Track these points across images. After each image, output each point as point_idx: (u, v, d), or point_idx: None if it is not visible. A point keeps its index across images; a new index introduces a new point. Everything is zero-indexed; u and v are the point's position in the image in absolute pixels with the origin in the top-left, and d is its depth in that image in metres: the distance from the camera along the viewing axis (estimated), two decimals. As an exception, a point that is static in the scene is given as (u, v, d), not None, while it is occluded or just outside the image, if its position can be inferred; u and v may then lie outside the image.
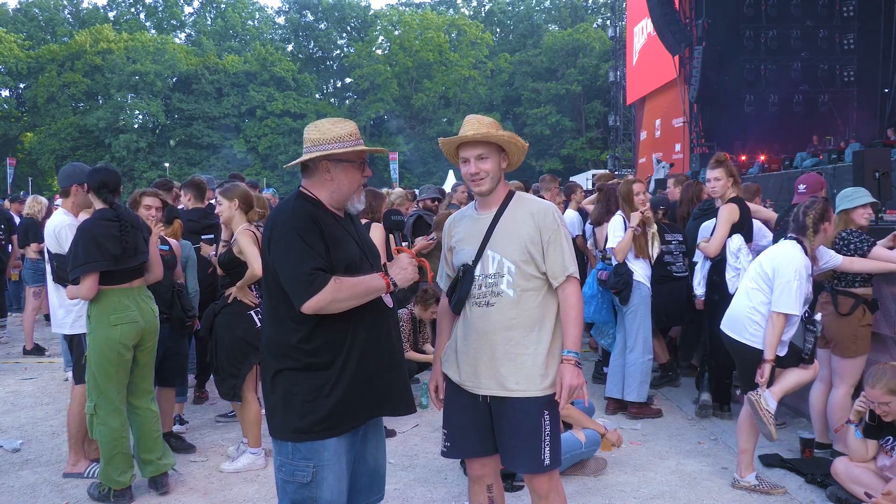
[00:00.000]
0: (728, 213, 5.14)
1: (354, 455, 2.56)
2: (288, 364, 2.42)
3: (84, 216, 4.33)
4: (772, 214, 5.74)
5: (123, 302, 3.83)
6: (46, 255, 4.44)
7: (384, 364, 2.53)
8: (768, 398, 3.89)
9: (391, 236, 4.73)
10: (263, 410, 4.38)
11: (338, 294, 2.35)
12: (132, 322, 3.83)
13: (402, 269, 2.57)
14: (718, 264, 5.21)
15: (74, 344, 4.32)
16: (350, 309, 2.41)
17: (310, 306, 2.34)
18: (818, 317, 4.01)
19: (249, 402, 4.38)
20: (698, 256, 5.50)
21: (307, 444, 2.41)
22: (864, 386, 3.82)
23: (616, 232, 5.38)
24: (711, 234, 5.28)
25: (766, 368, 3.86)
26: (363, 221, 5.27)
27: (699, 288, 5.41)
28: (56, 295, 4.36)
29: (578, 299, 2.73)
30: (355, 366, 2.43)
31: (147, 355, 4.02)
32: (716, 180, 5.27)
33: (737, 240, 5.13)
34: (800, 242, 3.96)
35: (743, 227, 5.16)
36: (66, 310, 4.30)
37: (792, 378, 3.95)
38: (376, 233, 5.22)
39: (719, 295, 5.16)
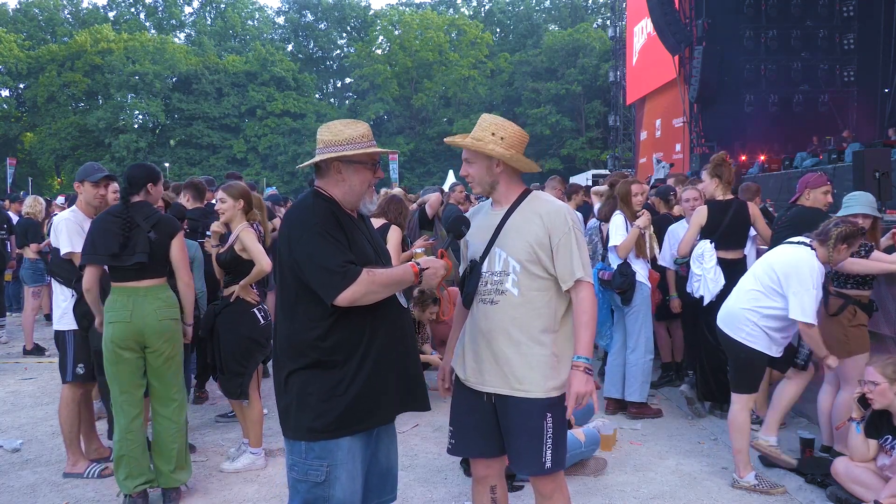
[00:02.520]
0: (696, 216, 5.24)
1: (369, 455, 2.55)
2: (302, 362, 2.41)
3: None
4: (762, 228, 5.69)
5: (120, 301, 3.77)
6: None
7: (401, 364, 2.53)
8: (766, 438, 4.02)
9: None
10: (266, 410, 4.37)
11: (371, 286, 2.36)
12: (123, 322, 3.73)
13: (435, 272, 2.55)
14: None
15: (60, 341, 4.31)
16: (368, 309, 2.41)
17: (345, 297, 2.32)
18: None
19: (253, 402, 4.38)
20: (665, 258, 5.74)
21: (321, 443, 2.40)
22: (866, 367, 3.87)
23: (618, 231, 5.37)
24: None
25: (831, 361, 3.97)
26: (382, 222, 5.45)
27: (689, 286, 5.46)
28: (54, 289, 4.38)
29: (591, 304, 2.66)
30: (371, 366, 2.43)
31: (158, 360, 3.84)
32: (700, 181, 5.48)
33: (701, 245, 5.20)
34: (813, 249, 3.95)
35: (713, 231, 5.22)
36: (57, 303, 4.32)
37: (784, 401, 4.01)
38: (393, 235, 5.43)
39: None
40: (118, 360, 3.76)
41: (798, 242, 4.04)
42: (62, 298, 4.28)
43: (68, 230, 4.21)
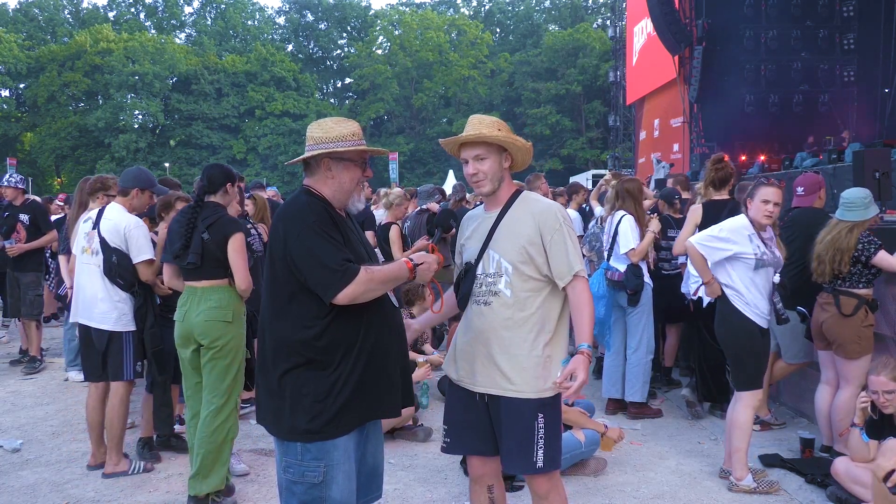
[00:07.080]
0: (691, 216, 5.24)
1: (360, 455, 2.56)
2: (296, 361, 2.39)
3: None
4: None
5: (182, 300, 3.88)
6: (99, 246, 4.31)
7: (392, 362, 2.54)
8: (744, 481, 4.01)
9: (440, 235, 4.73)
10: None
11: (370, 283, 2.37)
12: (178, 322, 3.85)
13: (429, 267, 2.58)
14: None
15: (114, 340, 4.30)
16: (362, 308, 2.41)
17: (346, 295, 2.32)
18: (776, 278, 4.09)
19: None
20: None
21: (317, 444, 2.39)
22: (868, 377, 3.82)
23: (630, 235, 5.28)
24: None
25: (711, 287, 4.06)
26: (386, 221, 5.76)
27: (685, 286, 5.44)
28: (103, 289, 4.30)
29: (590, 297, 2.67)
30: (365, 365, 2.43)
31: (203, 357, 3.79)
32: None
33: None
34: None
35: None
36: (113, 305, 4.30)
37: (743, 431, 4.01)
38: (394, 231, 5.72)
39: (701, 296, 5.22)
40: (181, 358, 3.91)
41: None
42: (117, 299, 4.30)
43: (146, 236, 4.35)
